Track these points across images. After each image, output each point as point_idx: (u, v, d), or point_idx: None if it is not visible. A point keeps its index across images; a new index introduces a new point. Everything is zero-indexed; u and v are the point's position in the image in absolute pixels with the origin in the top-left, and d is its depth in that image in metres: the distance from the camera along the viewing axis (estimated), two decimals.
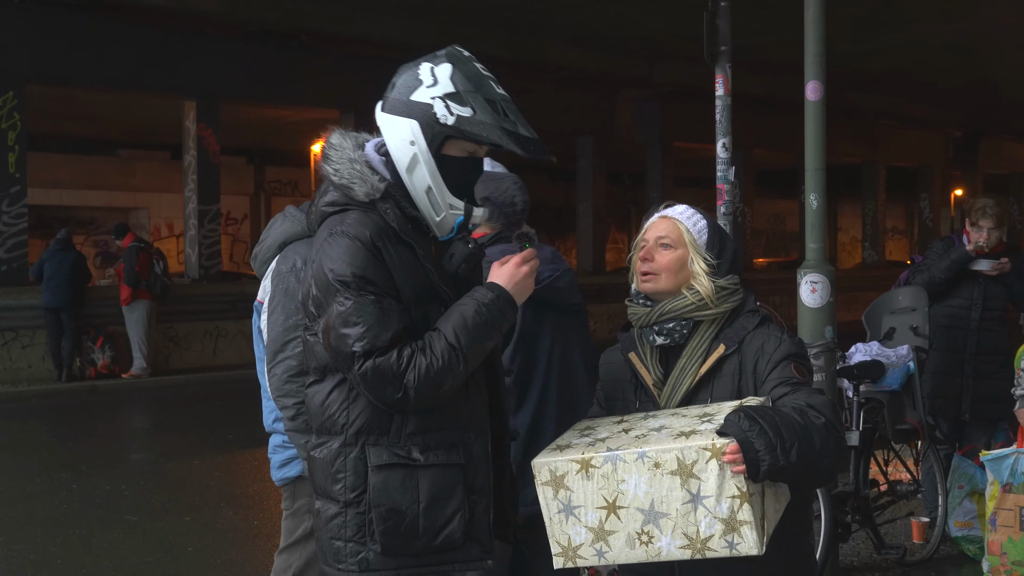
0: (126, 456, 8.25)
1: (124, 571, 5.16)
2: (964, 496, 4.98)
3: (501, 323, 2.15)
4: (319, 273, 2.10)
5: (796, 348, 2.27)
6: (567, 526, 2.12)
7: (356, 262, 2.06)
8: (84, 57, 12.67)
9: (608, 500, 2.07)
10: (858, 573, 4.78)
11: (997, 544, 4.22)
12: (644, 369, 2.33)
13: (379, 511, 2.08)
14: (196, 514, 6.20)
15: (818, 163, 4.73)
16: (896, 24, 14.06)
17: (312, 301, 2.13)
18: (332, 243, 2.10)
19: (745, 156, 19.50)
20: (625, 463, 2.05)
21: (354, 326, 2.03)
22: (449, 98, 2.12)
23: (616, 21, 13.99)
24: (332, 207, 2.19)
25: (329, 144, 2.23)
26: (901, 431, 4.93)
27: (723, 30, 5.48)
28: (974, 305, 5.22)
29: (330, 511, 2.13)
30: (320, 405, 2.15)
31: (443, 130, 2.12)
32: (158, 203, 21.65)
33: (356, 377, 2.04)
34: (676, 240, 2.32)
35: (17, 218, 12.16)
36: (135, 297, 11.91)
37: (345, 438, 2.11)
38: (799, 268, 4.81)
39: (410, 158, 2.15)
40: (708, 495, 2.00)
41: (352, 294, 2.04)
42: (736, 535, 2.00)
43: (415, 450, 2.10)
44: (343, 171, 2.17)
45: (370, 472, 2.08)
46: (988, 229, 5.21)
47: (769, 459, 1.97)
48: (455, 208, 2.18)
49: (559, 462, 2.11)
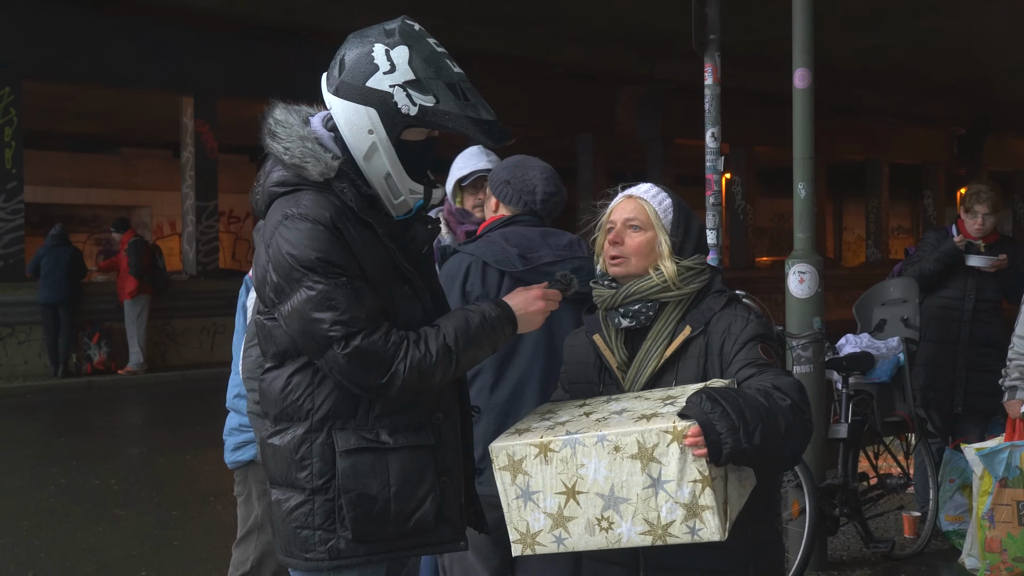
0: (118, 451, 8.22)
1: (108, 564, 5.13)
2: (955, 490, 4.92)
3: (497, 341, 2.12)
4: (278, 258, 2.02)
5: (763, 329, 2.22)
6: (525, 512, 2.07)
7: (319, 246, 1.99)
8: (81, 52, 12.66)
9: (567, 485, 2.02)
10: (847, 567, 4.71)
11: (996, 541, 4.14)
12: (608, 351, 2.28)
13: (349, 497, 2.02)
14: (184, 508, 6.17)
15: (806, 152, 4.69)
16: (898, 20, 13.98)
17: (270, 287, 2.05)
18: (290, 226, 2.01)
19: (747, 154, 19.44)
20: (584, 447, 2.00)
21: (328, 310, 1.96)
22: (410, 86, 2.04)
23: (616, 17, 13.93)
24: (282, 187, 2.10)
25: (274, 120, 2.13)
26: (890, 424, 4.88)
27: (712, 18, 5.43)
28: (967, 296, 5.15)
29: (293, 500, 2.07)
30: (281, 391, 2.08)
31: (405, 120, 2.06)
32: (160, 201, 21.66)
33: (336, 360, 1.97)
34: (645, 222, 2.28)
35: (13, 214, 12.15)
36: (140, 291, 11.90)
37: (311, 424, 2.05)
38: (787, 258, 4.76)
39: (368, 146, 2.08)
40: (669, 479, 1.95)
41: (321, 278, 1.97)
42: (698, 520, 1.95)
43: (383, 433, 2.05)
44: (294, 149, 2.08)
45: (338, 457, 2.03)
46: (983, 215, 5.13)
47: (731, 442, 1.92)
48: (415, 192, 2.13)
49: (517, 446, 2.07)
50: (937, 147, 24.05)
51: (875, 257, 22.82)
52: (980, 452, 4.29)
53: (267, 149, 2.13)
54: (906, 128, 22.80)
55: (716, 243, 5.72)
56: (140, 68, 13.14)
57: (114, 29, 12.90)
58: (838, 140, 19.99)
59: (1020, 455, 4.18)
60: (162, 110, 15.21)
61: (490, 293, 2.82)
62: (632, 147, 19.06)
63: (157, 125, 17.41)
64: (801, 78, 4.67)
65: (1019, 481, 4.17)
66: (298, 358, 2.07)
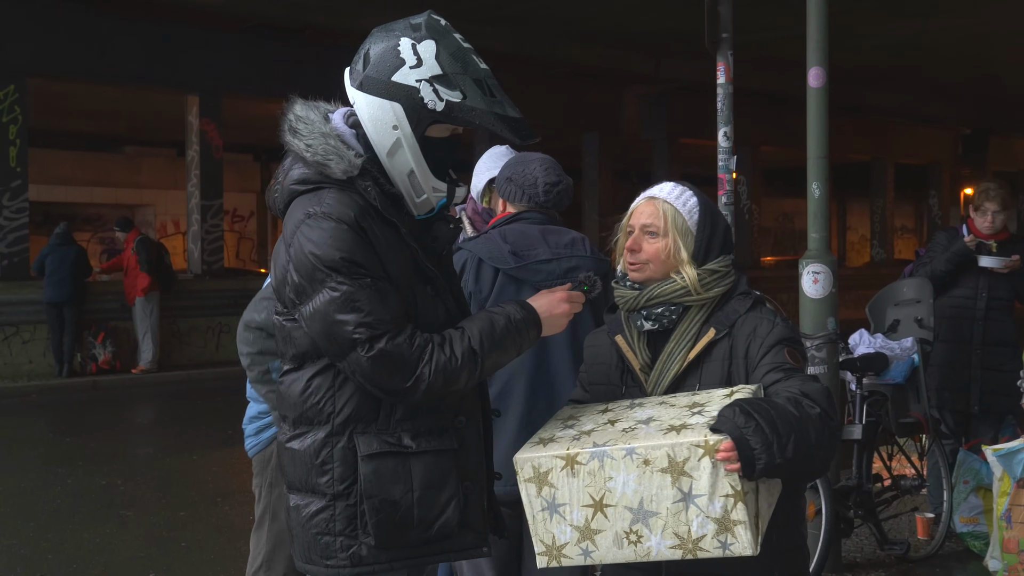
0: (124, 451, 8.19)
1: (115, 566, 5.09)
2: (970, 491, 4.88)
3: (522, 344, 2.08)
4: (300, 258, 1.97)
5: (790, 332, 2.18)
6: (551, 524, 2.03)
7: (343, 245, 1.94)
8: (85, 51, 12.64)
9: (595, 498, 1.98)
10: (861, 569, 4.68)
11: (1014, 542, 4.11)
12: (631, 353, 2.24)
13: (372, 502, 1.98)
14: (191, 509, 6.14)
15: (820, 151, 4.66)
16: (904, 19, 13.93)
17: (291, 288, 2.00)
18: (313, 225, 1.97)
19: (753, 153, 19.39)
20: (613, 460, 1.97)
21: (352, 312, 1.92)
22: (437, 81, 2.00)
23: (622, 16, 13.90)
24: (303, 185, 2.05)
25: (295, 116, 2.09)
26: (905, 425, 4.83)
27: (724, 17, 5.39)
28: (979, 295, 5.12)
29: (314, 506, 2.02)
30: (301, 394, 2.04)
31: (431, 116, 2.01)
32: (164, 200, 21.65)
33: (360, 363, 1.93)
34: (662, 227, 2.22)
35: (18, 213, 12.13)
36: (152, 288, 11.87)
37: (332, 427, 2.01)
38: (801, 258, 4.72)
39: (392, 142, 2.03)
40: (700, 494, 1.92)
41: (345, 279, 1.93)
42: (730, 535, 1.92)
43: (406, 437, 2.01)
44: (316, 146, 2.03)
45: (360, 462, 1.98)
46: (993, 212, 5.10)
47: (765, 458, 1.89)
48: (439, 191, 2.09)
49: (543, 458, 2.02)
50: (942, 147, 24.00)
51: (880, 257, 22.77)
52: (997, 453, 4.25)
53: (287, 146, 2.09)
54: (911, 128, 22.75)
55: None
56: (145, 66, 13.12)
57: (119, 27, 12.88)
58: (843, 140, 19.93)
59: None
60: (167, 108, 15.19)
61: (483, 290, 2.81)
62: (638, 147, 19.02)
63: (162, 124, 17.39)
64: (816, 77, 4.64)
65: None
66: (318, 360, 2.03)
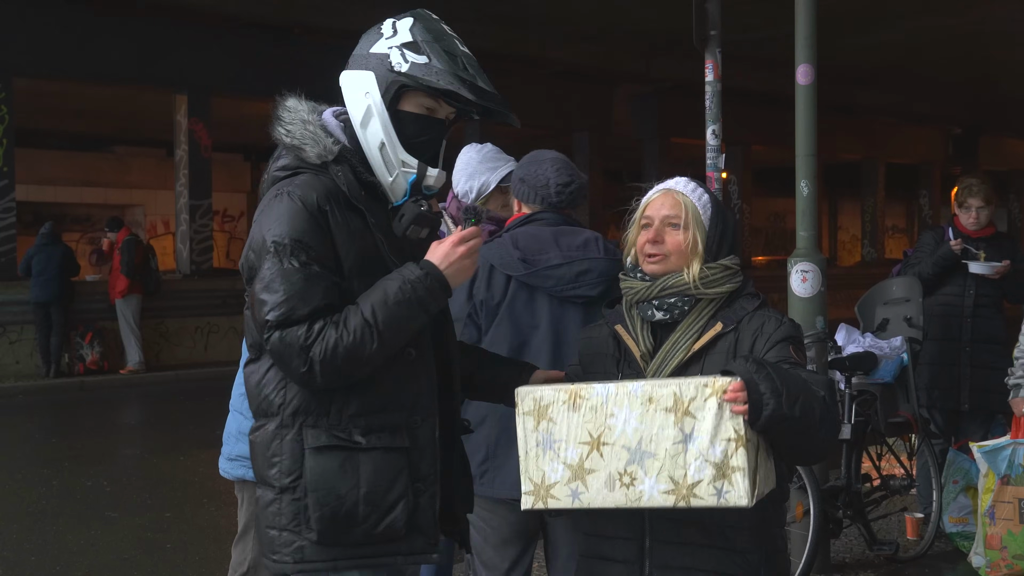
0: (111, 452, 8.13)
1: (99, 567, 5.05)
2: (959, 491, 4.86)
3: (428, 304, 2.00)
4: (255, 234, 2.01)
5: (795, 331, 2.20)
6: (543, 461, 1.99)
7: (295, 224, 1.96)
8: (73, 49, 12.56)
9: (592, 435, 1.95)
10: (850, 570, 4.65)
11: (996, 538, 4.14)
12: (631, 340, 2.22)
13: (316, 496, 1.95)
14: (177, 510, 6.09)
15: (809, 149, 4.64)
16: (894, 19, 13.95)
17: (247, 266, 2.03)
18: (275, 204, 2.01)
19: (743, 153, 19.40)
20: (617, 396, 1.94)
21: (273, 292, 1.93)
22: (406, 47, 2.06)
23: (613, 15, 13.88)
24: (284, 171, 2.09)
25: (283, 107, 2.13)
26: (894, 424, 4.82)
27: (712, 14, 5.37)
28: (967, 293, 5.11)
29: (267, 497, 2.02)
30: (256, 385, 2.04)
31: (397, 78, 2.05)
32: (154, 200, 21.54)
33: (266, 346, 1.96)
34: (685, 220, 2.22)
35: (5, 212, 12.06)
36: (131, 291, 11.82)
37: (281, 419, 1.99)
38: (789, 257, 4.70)
39: (364, 111, 2.07)
40: (702, 435, 1.89)
41: (281, 258, 1.94)
42: (727, 482, 1.88)
43: (356, 432, 1.98)
44: (295, 131, 2.07)
45: (306, 455, 1.96)
46: (977, 208, 5.10)
47: (773, 403, 1.89)
48: (408, 166, 2.07)
49: (545, 391, 2.00)
50: (933, 147, 24.06)
51: (871, 257, 22.81)
52: (983, 449, 4.26)
53: (273, 137, 2.12)
54: (902, 127, 22.80)
55: None
56: (134, 65, 13.05)
57: (107, 26, 12.81)
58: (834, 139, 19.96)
59: (1023, 453, 4.16)
60: (156, 108, 15.11)
61: (495, 296, 2.79)
62: (629, 146, 19.01)
63: (151, 123, 17.31)
64: (804, 74, 4.61)
65: (1021, 479, 4.16)
66: None
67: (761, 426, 1.90)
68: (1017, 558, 4.11)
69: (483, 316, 2.82)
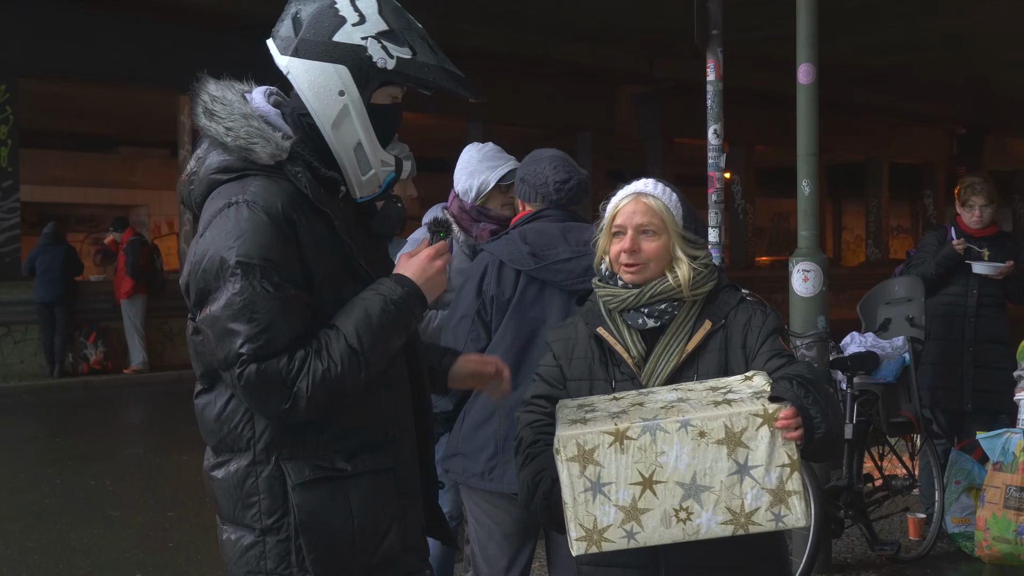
0: (114, 451, 8.15)
1: (102, 566, 5.06)
2: (961, 492, 4.85)
3: (409, 322, 1.86)
4: (211, 252, 1.73)
5: (780, 322, 2.24)
6: (593, 506, 1.93)
7: (262, 240, 1.71)
8: (77, 50, 12.58)
9: (644, 475, 1.91)
10: (851, 570, 4.65)
11: (983, 520, 4.23)
12: (620, 346, 2.20)
13: (309, 536, 1.77)
14: (180, 509, 6.10)
15: (810, 148, 4.64)
16: (898, 18, 13.92)
17: (194, 287, 1.76)
18: (232, 216, 1.73)
19: (746, 153, 19.38)
20: (666, 433, 1.90)
21: (247, 322, 1.69)
22: (384, 37, 1.83)
23: (615, 15, 13.88)
24: (225, 174, 1.81)
25: (211, 97, 1.89)
26: (896, 424, 4.81)
27: (714, 14, 5.37)
28: (970, 292, 5.10)
29: (244, 541, 1.81)
30: (216, 419, 1.81)
31: (380, 76, 1.83)
32: (158, 200, 21.58)
33: (233, 382, 1.72)
34: (659, 226, 2.20)
35: (10, 212, 12.09)
36: (136, 291, 11.83)
37: (254, 455, 1.79)
38: (791, 257, 4.70)
39: (339, 111, 1.83)
40: (757, 464, 1.89)
41: (251, 281, 1.70)
42: (784, 507, 1.89)
43: (338, 459, 1.80)
44: (238, 129, 1.81)
45: (291, 492, 1.77)
46: (980, 206, 5.09)
47: (824, 427, 1.93)
48: (387, 164, 1.89)
49: (588, 434, 1.93)
50: (937, 146, 24.01)
51: (875, 257, 22.77)
52: (981, 436, 4.36)
53: (203, 131, 1.87)
54: (906, 127, 22.75)
55: (718, 242, 5.66)
56: (137, 66, 13.07)
57: (111, 27, 12.83)
58: (838, 139, 19.93)
59: (1017, 442, 4.25)
60: (159, 108, 15.13)
61: (505, 292, 2.82)
62: (632, 146, 19.00)
63: (155, 124, 17.33)
64: (805, 73, 4.61)
65: (1011, 467, 4.24)
66: None
67: (814, 448, 1.94)
68: (996, 539, 4.19)
69: (493, 312, 2.84)
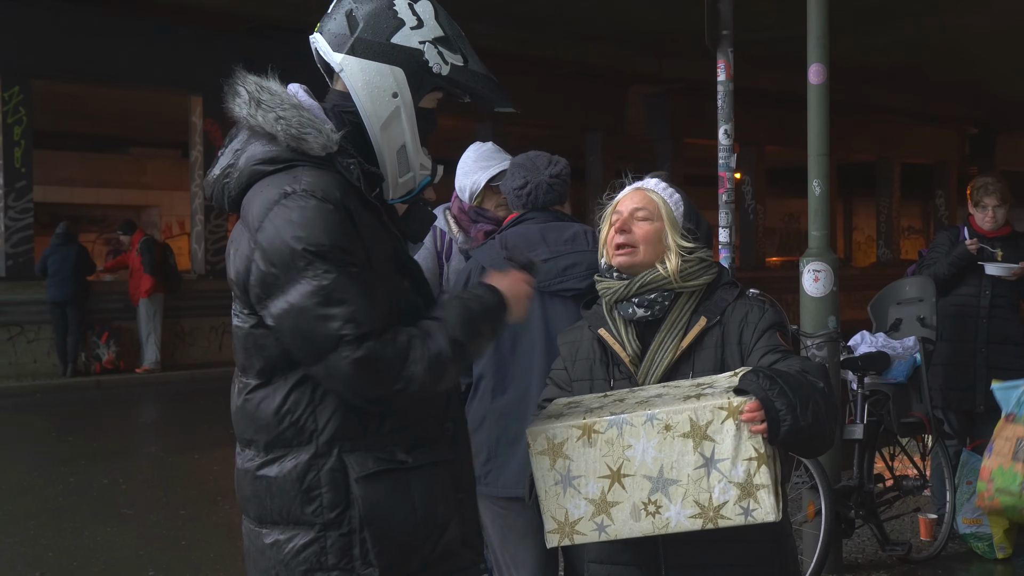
0: (126, 450, 8.19)
1: (115, 564, 5.09)
2: (973, 492, 4.84)
3: (497, 329, 1.88)
4: (276, 243, 1.70)
5: (780, 317, 2.22)
6: (564, 499, 1.96)
7: (331, 228, 1.69)
8: (89, 52, 12.65)
9: (612, 468, 1.93)
10: (862, 570, 4.64)
11: (987, 470, 4.21)
12: (618, 345, 2.22)
13: (374, 529, 1.73)
14: (192, 508, 6.14)
15: (821, 148, 4.63)
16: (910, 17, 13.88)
17: (258, 281, 1.73)
18: (293, 206, 1.70)
19: (757, 153, 19.34)
20: (632, 427, 1.92)
21: (339, 304, 1.67)
22: (440, 43, 1.85)
23: (625, 15, 13.87)
24: (271, 165, 1.79)
25: (257, 86, 1.88)
26: (907, 424, 4.80)
27: (724, 14, 5.37)
28: (982, 293, 5.07)
29: (300, 539, 1.76)
30: (276, 413, 1.77)
31: (433, 81, 1.85)
32: (170, 201, 21.67)
33: (340, 366, 1.67)
34: (653, 213, 2.23)
35: (23, 213, 12.17)
36: (155, 289, 11.89)
37: (316, 448, 1.75)
38: (801, 257, 4.69)
39: (390, 112, 1.83)
40: (723, 458, 1.89)
41: (331, 267, 1.68)
42: (752, 500, 1.88)
43: (399, 451, 1.78)
44: (290, 119, 1.79)
45: (354, 485, 1.74)
46: (993, 207, 5.07)
47: (790, 419, 1.90)
48: (425, 168, 1.90)
49: (557, 428, 1.96)
50: (949, 146, 23.91)
51: (886, 257, 22.69)
52: (997, 385, 4.31)
53: (245, 121, 1.85)
54: (917, 127, 22.66)
55: (729, 241, 5.66)
56: (149, 67, 13.13)
57: (123, 28, 12.90)
58: (849, 139, 19.87)
59: None
60: (171, 109, 15.21)
61: None
62: (642, 146, 18.99)
63: (166, 124, 17.42)
64: (816, 73, 4.61)
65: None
66: (291, 372, 1.77)
67: (779, 441, 1.91)
68: (1000, 491, 4.16)
69: None
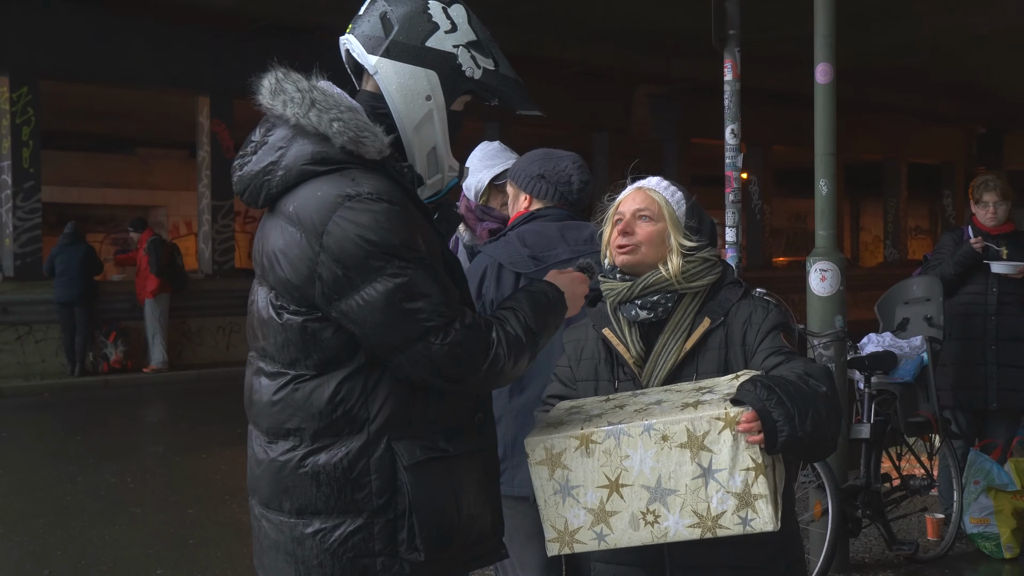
0: (134, 449, 8.22)
1: (123, 562, 5.11)
2: (980, 492, 4.84)
3: (558, 324, 1.95)
4: (347, 246, 1.74)
5: (783, 318, 2.20)
6: (563, 508, 1.97)
7: (400, 228, 1.75)
8: (97, 52, 12.70)
9: (610, 478, 1.94)
10: (869, 570, 4.64)
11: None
12: (622, 346, 2.22)
13: (421, 515, 1.79)
14: (200, 507, 6.16)
15: (828, 148, 4.63)
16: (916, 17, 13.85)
17: (327, 282, 1.76)
18: (360, 208, 1.74)
19: (764, 153, 19.32)
20: (630, 437, 1.92)
21: (421, 298, 1.75)
22: (473, 47, 1.88)
23: (632, 15, 13.87)
24: (322, 165, 1.81)
25: (311, 86, 1.88)
26: (914, 424, 4.80)
27: (731, 14, 5.38)
28: (990, 291, 5.07)
29: (348, 526, 1.80)
30: (328, 403, 1.80)
31: (465, 84, 1.88)
32: (176, 201, 21.71)
33: (431, 352, 1.75)
34: (656, 213, 2.23)
35: (31, 213, 12.21)
36: (161, 289, 11.94)
37: (368, 436, 1.80)
38: (808, 256, 4.70)
39: (423, 115, 1.86)
40: (720, 468, 1.89)
41: (406, 264, 1.74)
42: (750, 510, 1.88)
43: (440, 439, 1.84)
44: (348, 122, 1.80)
45: (403, 472, 1.79)
46: (994, 203, 5.07)
47: (788, 430, 1.89)
48: (453, 170, 1.94)
49: (555, 439, 1.97)
50: (956, 146, 23.84)
51: (893, 257, 22.65)
52: None
53: (295, 120, 1.85)
54: (924, 127, 22.61)
55: (735, 241, 5.66)
56: (156, 68, 13.17)
57: (130, 29, 12.94)
58: (855, 139, 19.84)
59: None
60: (178, 110, 15.25)
61: (505, 295, 2.80)
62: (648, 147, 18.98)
63: (173, 125, 17.46)
64: (823, 73, 4.61)
65: None
66: (345, 363, 1.81)
67: (778, 450, 1.90)
68: None
69: None
